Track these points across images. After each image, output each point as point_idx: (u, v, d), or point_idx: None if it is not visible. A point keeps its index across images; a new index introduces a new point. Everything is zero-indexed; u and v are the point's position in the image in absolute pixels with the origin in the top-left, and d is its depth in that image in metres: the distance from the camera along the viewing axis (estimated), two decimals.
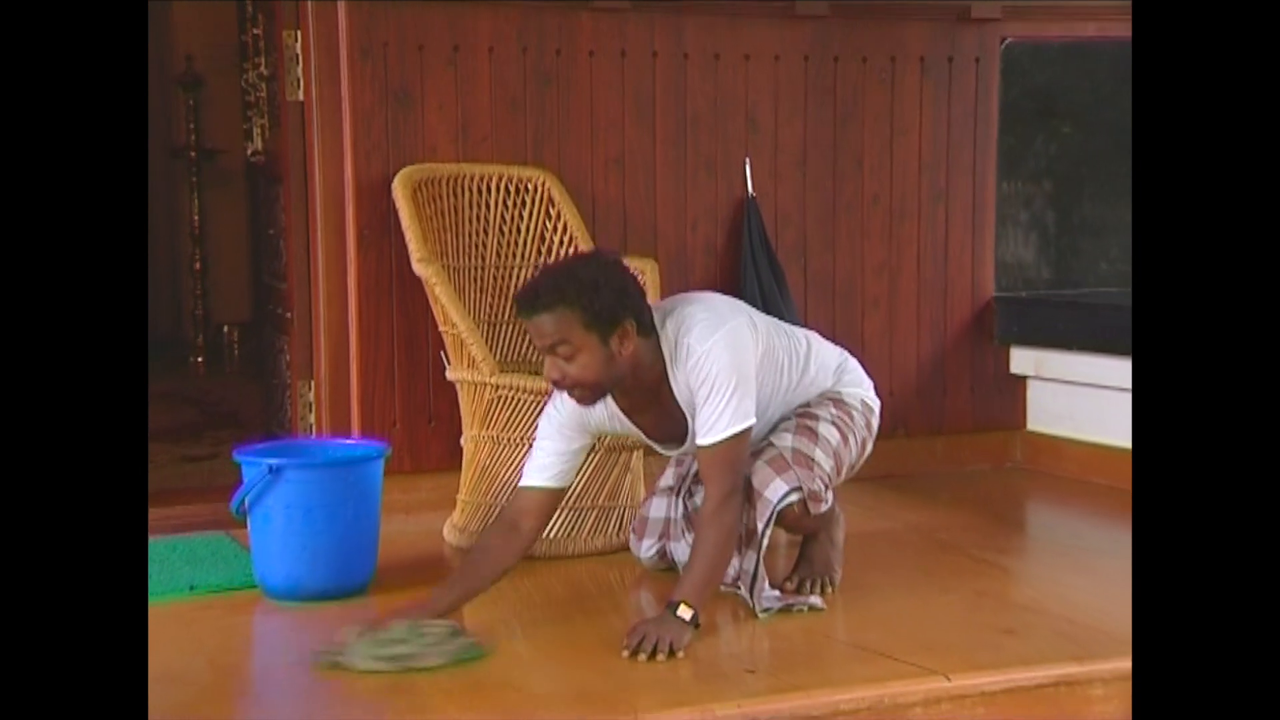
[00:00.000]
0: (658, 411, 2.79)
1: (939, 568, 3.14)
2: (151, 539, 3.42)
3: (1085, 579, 3.11)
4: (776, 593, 2.82)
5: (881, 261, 4.21)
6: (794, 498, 2.77)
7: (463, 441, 3.45)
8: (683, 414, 2.76)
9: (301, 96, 3.73)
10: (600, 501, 3.28)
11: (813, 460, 2.80)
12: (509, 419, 3.29)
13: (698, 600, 2.58)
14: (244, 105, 5.01)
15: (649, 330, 2.67)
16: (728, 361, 2.64)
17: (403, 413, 3.72)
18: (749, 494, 2.76)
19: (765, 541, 2.77)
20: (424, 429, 3.73)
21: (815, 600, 2.80)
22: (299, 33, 3.70)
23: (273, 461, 2.90)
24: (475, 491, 3.37)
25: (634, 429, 2.86)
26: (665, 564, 3.11)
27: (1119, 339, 4.05)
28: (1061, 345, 4.24)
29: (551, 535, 3.22)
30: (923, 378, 4.27)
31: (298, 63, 3.72)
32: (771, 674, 2.46)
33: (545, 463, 2.79)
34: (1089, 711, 2.46)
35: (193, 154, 6.72)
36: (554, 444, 2.79)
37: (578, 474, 2.94)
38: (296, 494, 2.89)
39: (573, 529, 3.27)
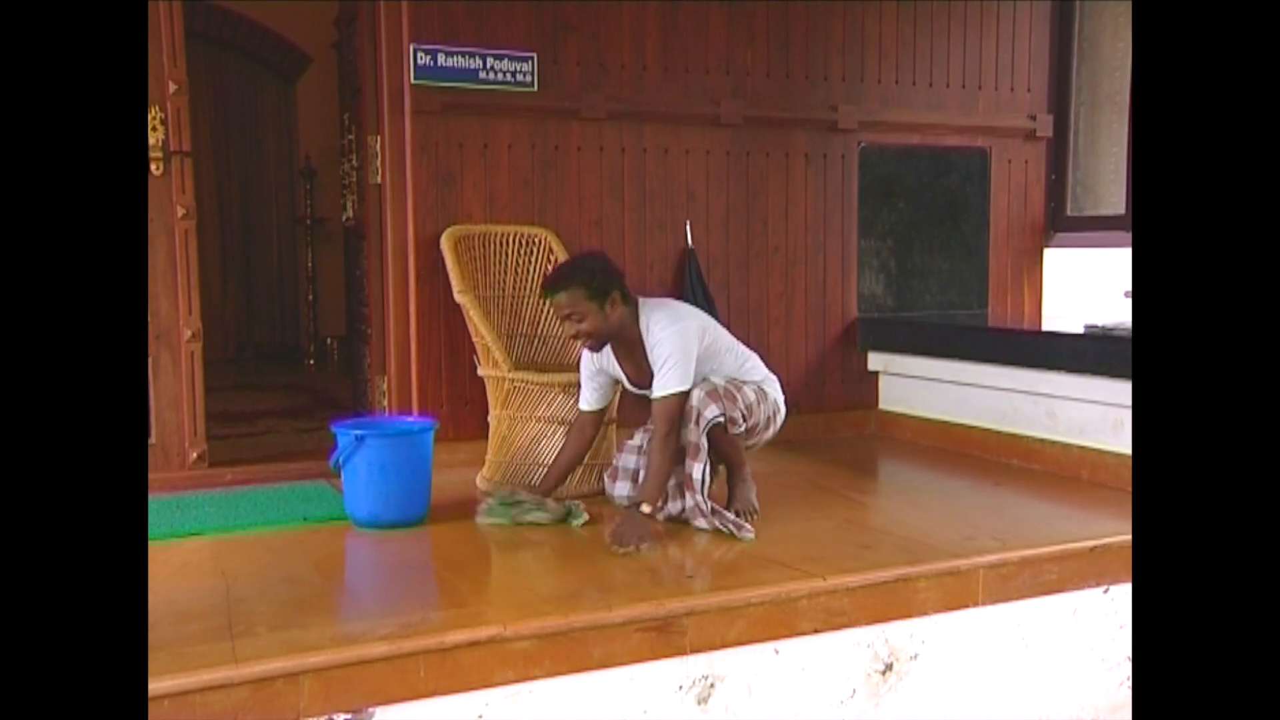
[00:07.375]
0: (636, 362, 2.89)
1: (820, 503, 3.11)
2: (275, 486, 3.44)
3: (916, 510, 3.09)
4: (732, 514, 2.79)
5: (780, 292, 4.17)
6: (721, 419, 2.78)
7: (489, 419, 3.40)
8: (650, 371, 2.85)
9: (379, 180, 3.67)
10: (587, 460, 3.19)
11: (735, 399, 2.81)
12: (521, 402, 3.25)
13: (652, 500, 2.70)
14: (342, 187, 4.96)
15: (629, 300, 2.83)
16: (675, 346, 2.76)
17: (447, 398, 3.66)
18: (690, 413, 2.77)
19: (705, 446, 2.77)
20: (462, 409, 3.66)
21: (748, 533, 2.71)
22: (379, 137, 3.64)
23: (358, 432, 2.86)
24: (498, 453, 3.32)
25: (621, 373, 2.95)
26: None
27: (938, 346, 4.11)
28: (901, 350, 4.21)
29: None
30: (809, 372, 4.24)
31: (377, 157, 3.67)
32: (705, 578, 2.44)
33: (589, 395, 2.99)
34: (916, 598, 2.46)
35: (309, 221, 6.70)
36: (591, 382, 2.98)
37: (610, 397, 3.04)
38: (375, 455, 2.84)
39: (570, 478, 3.19)
